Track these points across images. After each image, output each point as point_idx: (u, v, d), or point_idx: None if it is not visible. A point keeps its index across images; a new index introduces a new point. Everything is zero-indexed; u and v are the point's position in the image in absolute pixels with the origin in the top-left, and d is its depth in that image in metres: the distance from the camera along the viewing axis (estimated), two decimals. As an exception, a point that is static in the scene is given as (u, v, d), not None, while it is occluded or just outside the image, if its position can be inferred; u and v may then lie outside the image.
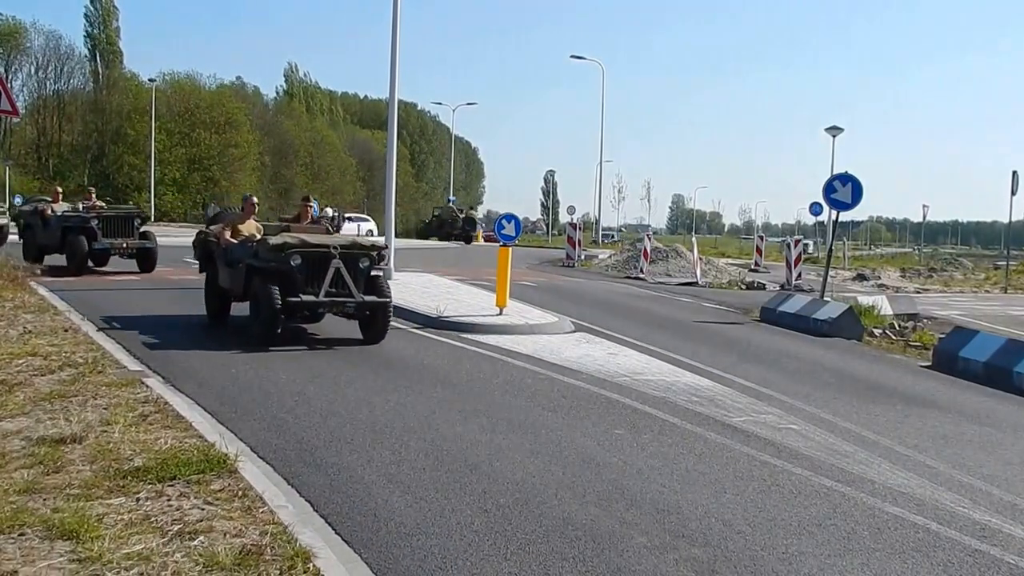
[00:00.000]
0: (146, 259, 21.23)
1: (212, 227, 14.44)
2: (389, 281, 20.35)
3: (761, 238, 45.34)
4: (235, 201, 62.46)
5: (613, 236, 63.62)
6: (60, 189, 24.68)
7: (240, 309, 13.50)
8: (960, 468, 8.14)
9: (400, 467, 7.21)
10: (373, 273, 12.84)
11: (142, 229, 21.46)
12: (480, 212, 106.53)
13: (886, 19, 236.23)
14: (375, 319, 12.79)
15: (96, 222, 20.57)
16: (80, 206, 21.84)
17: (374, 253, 12.84)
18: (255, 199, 14.61)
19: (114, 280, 19.67)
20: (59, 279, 18.92)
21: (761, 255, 39.19)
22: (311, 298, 12.13)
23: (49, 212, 21.34)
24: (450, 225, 57.64)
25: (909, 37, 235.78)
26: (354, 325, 13.22)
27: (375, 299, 12.56)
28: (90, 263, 21.01)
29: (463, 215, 59.64)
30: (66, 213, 21.26)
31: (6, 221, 28.39)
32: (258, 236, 13.19)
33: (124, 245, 20.88)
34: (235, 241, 13.38)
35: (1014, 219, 35.29)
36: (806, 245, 46.69)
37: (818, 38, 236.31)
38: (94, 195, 22.88)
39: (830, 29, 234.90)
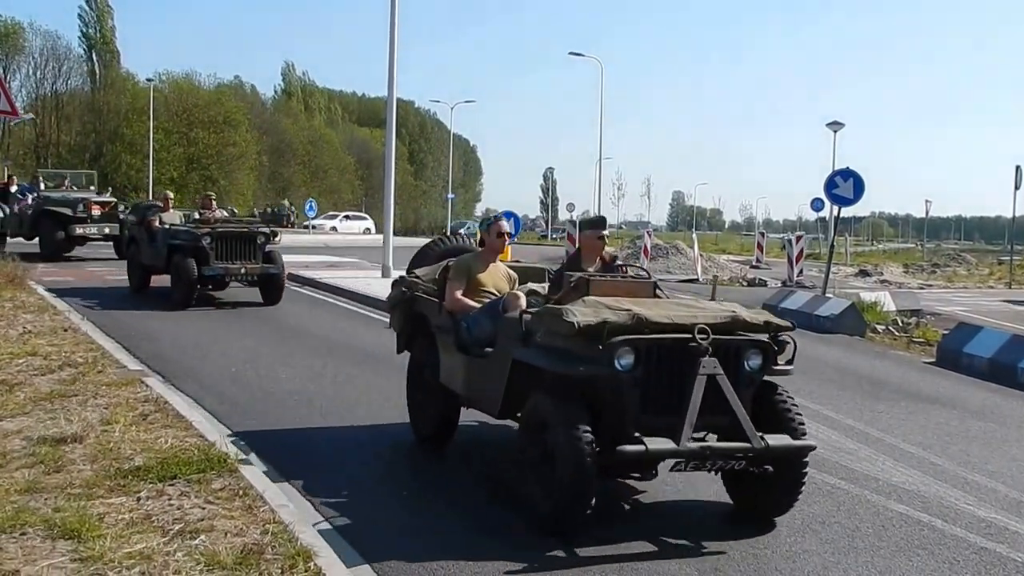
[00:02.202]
0: (270, 287, 16.53)
1: (420, 271, 8.27)
2: (387, 280, 20.43)
3: (762, 234, 45.31)
4: (237, 203, 62.53)
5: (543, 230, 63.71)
6: (171, 195, 19.05)
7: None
8: (965, 465, 8.11)
9: (400, 466, 7.20)
10: (767, 380, 6.46)
11: (267, 249, 16.56)
12: (478, 210, 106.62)
13: (888, 15, 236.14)
14: (782, 483, 6.24)
15: (208, 240, 15.82)
16: (196, 216, 17.74)
17: (767, 340, 6.42)
18: (506, 224, 7.78)
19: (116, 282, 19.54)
20: (58, 278, 18.89)
21: (762, 251, 39.19)
22: (666, 445, 5.64)
23: (156, 224, 17.08)
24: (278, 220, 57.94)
25: (910, 32, 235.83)
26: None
27: (786, 443, 6.03)
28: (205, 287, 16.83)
29: (285, 212, 60.45)
30: (174, 227, 16.79)
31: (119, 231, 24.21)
32: (521, 297, 7.03)
33: (242, 270, 16.10)
34: (474, 304, 7.31)
35: (1018, 214, 35.18)
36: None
37: (818, 35, 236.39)
38: (214, 202, 18.36)
39: (830, 25, 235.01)
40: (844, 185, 17.96)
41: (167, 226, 16.94)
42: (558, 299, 6.52)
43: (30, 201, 25.08)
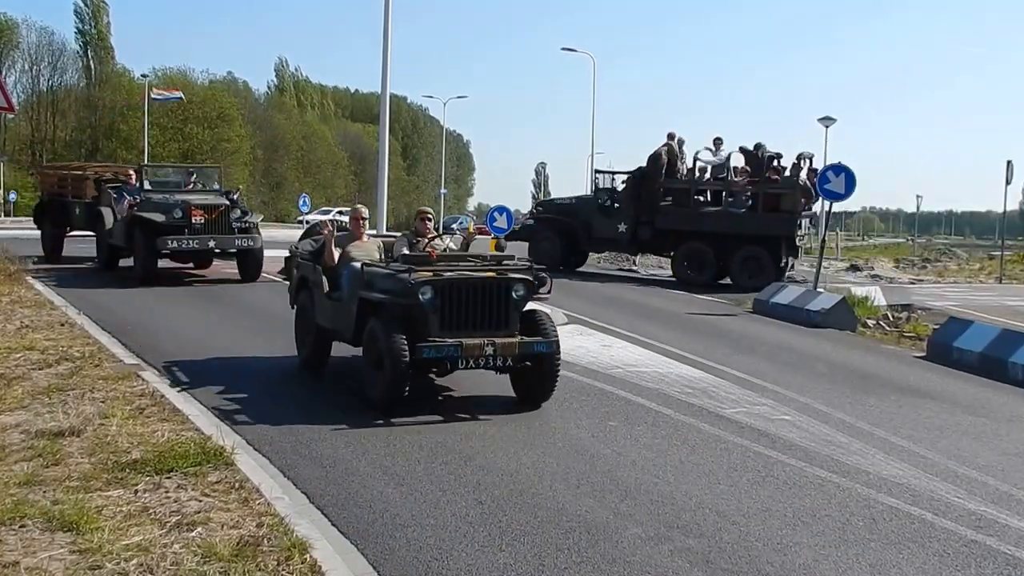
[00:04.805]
0: (537, 374, 9.12)
1: None
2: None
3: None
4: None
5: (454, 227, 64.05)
6: (366, 213, 10.91)
7: None
8: (955, 458, 8.17)
9: (395, 459, 7.26)
10: None
11: (527, 306, 9.19)
12: (470, 204, 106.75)
13: (879, 17, 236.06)
14: None
15: (430, 294, 8.55)
16: (405, 249, 9.85)
17: None
18: None
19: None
20: (57, 274, 18.80)
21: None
22: None
23: (341, 260, 9.98)
24: None
25: (901, 31, 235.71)
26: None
27: None
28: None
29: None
30: (370, 269, 9.43)
31: (252, 244, 18.19)
32: None
33: (489, 349, 8.57)
34: None
35: (1008, 208, 35.30)
36: None
37: (812, 33, 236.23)
38: (431, 222, 10.30)
39: (824, 24, 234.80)
40: (836, 180, 17.95)
41: (359, 265, 9.63)
42: None
43: (126, 205, 18.76)
